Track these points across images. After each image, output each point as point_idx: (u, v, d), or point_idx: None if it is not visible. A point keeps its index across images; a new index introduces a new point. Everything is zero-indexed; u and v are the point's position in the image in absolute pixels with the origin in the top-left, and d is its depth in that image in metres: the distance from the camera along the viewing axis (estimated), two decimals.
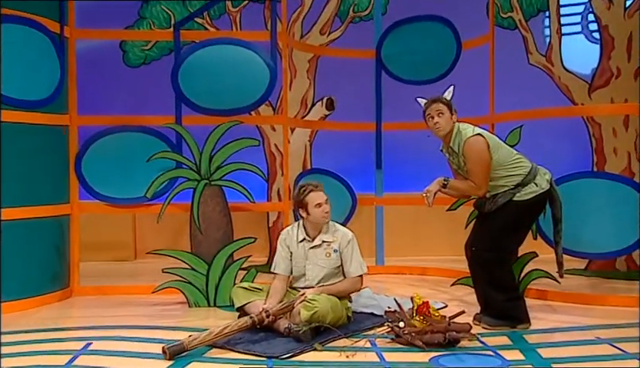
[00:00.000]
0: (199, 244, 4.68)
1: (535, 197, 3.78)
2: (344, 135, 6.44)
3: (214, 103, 4.92)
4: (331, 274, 3.91)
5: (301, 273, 3.94)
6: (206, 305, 4.57)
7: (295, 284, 3.99)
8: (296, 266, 3.94)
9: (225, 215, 4.75)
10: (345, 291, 3.90)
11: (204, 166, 4.71)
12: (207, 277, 4.56)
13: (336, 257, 3.89)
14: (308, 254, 3.91)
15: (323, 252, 3.90)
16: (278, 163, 6.32)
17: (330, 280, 3.90)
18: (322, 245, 3.90)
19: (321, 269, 3.89)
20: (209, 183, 4.71)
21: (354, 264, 3.89)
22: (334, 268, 3.90)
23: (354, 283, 3.91)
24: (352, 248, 3.90)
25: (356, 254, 3.91)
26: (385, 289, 5.11)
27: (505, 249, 3.86)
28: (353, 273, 3.89)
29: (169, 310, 4.50)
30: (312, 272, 3.90)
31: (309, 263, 3.91)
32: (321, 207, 3.84)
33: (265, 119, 6.14)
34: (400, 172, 6.81)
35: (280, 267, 3.96)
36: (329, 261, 3.89)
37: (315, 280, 3.89)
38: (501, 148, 3.84)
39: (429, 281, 5.50)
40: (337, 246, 3.90)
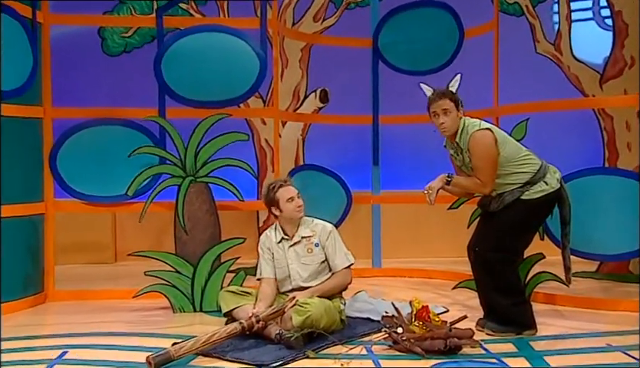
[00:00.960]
0: (184, 246, 4.68)
1: (544, 196, 3.79)
2: (339, 129, 6.45)
3: (200, 95, 4.91)
4: (317, 271, 3.93)
5: (285, 275, 3.96)
6: (191, 310, 4.57)
7: (282, 288, 4.00)
8: (279, 268, 3.97)
9: (212, 214, 4.75)
10: (337, 287, 3.92)
11: (189, 162, 4.71)
12: (193, 280, 4.56)
13: (318, 252, 3.92)
14: (288, 253, 3.94)
15: (304, 248, 3.93)
16: (269, 159, 6.32)
17: (317, 279, 3.92)
18: (302, 241, 3.94)
19: (305, 267, 3.92)
20: (194, 180, 4.71)
21: (339, 256, 3.92)
22: (319, 264, 3.93)
23: (343, 276, 3.93)
24: (334, 239, 3.94)
25: (339, 246, 3.94)
26: (382, 293, 5.12)
27: (510, 250, 3.86)
28: (339, 265, 3.92)
29: (151, 315, 4.50)
30: (296, 272, 3.93)
31: (292, 262, 3.94)
32: (294, 201, 3.88)
33: (255, 111, 6.14)
34: (399, 168, 6.83)
35: (266, 271, 3.98)
36: (312, 257, 3.92)
37: (301, 280, 3.91)
38: (509, 143, 3.84)
39: (429, 285, 5.52)
40: (317, 240, 3.93)
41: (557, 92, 5.66)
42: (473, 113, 5.47)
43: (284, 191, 3.90)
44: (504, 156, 3.79)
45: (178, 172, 4.71)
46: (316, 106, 6.37)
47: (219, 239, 4.72)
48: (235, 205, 5.07)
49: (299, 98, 6.40)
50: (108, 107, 5.32)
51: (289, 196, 3.88)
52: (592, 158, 5.58)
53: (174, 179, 4.72)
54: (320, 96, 6.34)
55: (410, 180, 6.91)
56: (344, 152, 6.68)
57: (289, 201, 3.88)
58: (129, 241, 6.70)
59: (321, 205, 5.34)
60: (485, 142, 3.77)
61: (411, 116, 6.04)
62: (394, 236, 6.49)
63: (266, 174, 6.31)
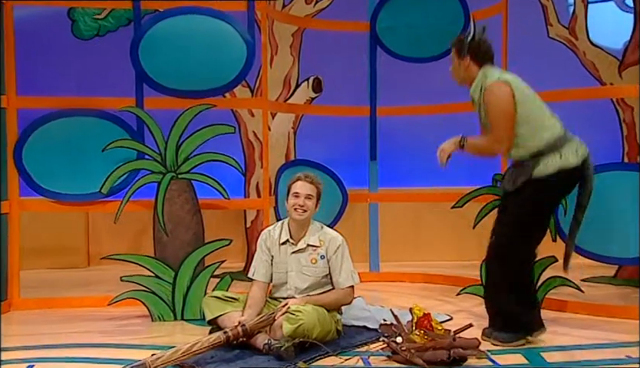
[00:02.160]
0: (164, 248, 4.68)
1: (557, 173, 3.66)
2: (333, 121, 6.45)
3: (181, 84, 4.91)
4: (317, 285, 3.93)
5: (282, 280, 3.96)
6: (172, 319, 4.57)
7: (276, 293, 4.01)
8: (277, 272, 3.97)
9: (195, 213, 4.76)
10: (334, 304, 3.93)
11: (170, 157, 4.71)
12: (174, 286, 4.57)
13: (323, 265, 3.92)
14: (290, 259, 3.94)
15: (308, 258, 3.92)
16: (257, 154, 6.32)
17: (315, 292, 3.92)
18: (307, 250, 3.93)
19: (305, 278, 3.92)
20: (175, 176, 4.71)
21: (344, 274, 3.91)
22: (321, 278, 3.93)
23: (344, 295, 3.94)
24: (342, 254, 3.92)
25: (346, 263, 3.93)
26: (380, 299, 5.14)
27: (523, 241, 3.78)
28: (343, 284, 3.92)
29: (128, 325, 4.50)
30: (295, 281, 3.93)
31: (292, 270, 3.93)
32: (296, 198, 3.86)
33: (242, 102, 6.14)
34: (398, 164, 6.84)
35: (259, 273, 3.98)
36: (315, 269, 3.91)
37: (297, 292, 3.92)
38: (529, 103, 3.71)
39: (431, 290, 5.54)
40: (324, 252, 3.92)
41: (571, 80, 5.66)
42: None
43: (298, 184, 3.90)
44: (521, 115, 3.68)
45: (157, 168, 4.71)
46: (309, 96, 6.37)
47: (202, 241, 4.72)
48: (221, 204, 5.06)
49: (290, 87, 6.40)
50: (80, 97, 5.31)
51: (295, 191, 3.88)
52: (609, 152, 5.59)
53: (153, 176, 4.72)
54: (313, 85, 6.34)
55: (411, 177, 6.97)
56: (339, 147, 6.68)
57: (294, 195, 3.88)
58: (103, 243, 6.69)
59: None
60: (499, 95, 3.68)
61: (412, 107, 6.08)
62: (392, 238, 6.50)
63: (254, 170, 6.31)
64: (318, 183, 3.95)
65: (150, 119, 4.78)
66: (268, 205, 5.28)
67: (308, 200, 3.88)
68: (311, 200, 3.89)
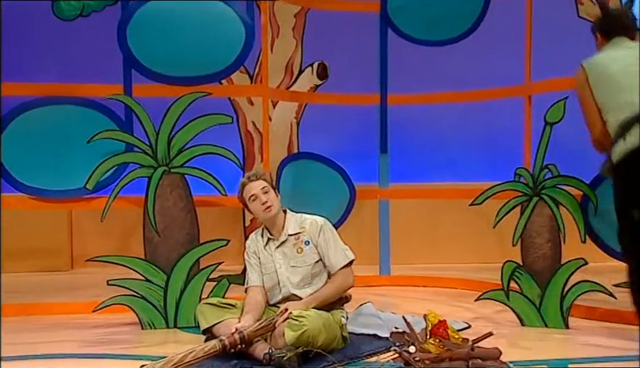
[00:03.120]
0: (155, 249, 4.69)
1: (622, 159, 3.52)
2: (340, 110, 6.46)
3: (174, 69, 4.92)
4: (310, 275, 3.97)
5: (274, 282, 4.00)
6: (163, 326, 4.59)
7: (273, 299, 4.04)
8: (267, 274, 4.02)
9: (189, 211, 4.76)
10: (337, 292, 3.95)
11: (161, 149, 4.71)
12: (166, 290, 4.58)
13: (310, 252, 3.98)
14: (276, 256, 4.00)
15: (293, 249, 3.99)
16: (257, 146, 6.33)
17: (312, 285, 3.96)
18: (290, 240, 4.00)
19: (296, 271, 3.97)
20: (168, 171, 4.71)
21: (336, 254, 3.97)
22: (312, 266, 3.97)
23: (343, 277, 3.97)
24: (327, 234, 3.99)
25: (334, 242, 3.99)
26: (392, 305, 5.15)
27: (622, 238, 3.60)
28: (337, 264, 3.96)
29: (115, 333, 4.51)
30: (286, 277, 3.97)
31: (280, 266, 3.99)
32: (256, 199, 3.97)
33: (240, 89, 6.14)
34: (411, 157, 6.85)
35: (253, 278, 4.03)
36: (303, 258, 3.97)
37: (292, 286, 3.95)
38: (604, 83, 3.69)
39: (447, 295, 5.55)
40: (307, 237, 3.99)
41: None
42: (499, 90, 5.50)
43: (247, 188, 4.00)
44: (598, 100, 3.69)
45: (148, 162, 4.72)
46: (313, 83, 6.37)
47: (197, 241, 4.72)
48: (217, 201, 5.08)
49: (293, 74, 6.40)
50: (61, 83, 5.31)
51: (250, 194, 3.98)
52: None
53: (143, 170, 4.72)
54: (317, 71, 6.34)
55: (425, 171, 6.97)
56: (346, 138, 6.69)
57: (252, 200, 3.98)
58: (88, 244, 6.71)
59: (318, 201, 5.37)
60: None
61: (426, 95, 6.08)
62: (405, 238, 6.51)
63: (254, 163, 6.32)
64: (263, 175, 4.06)
65: (139, 108, 4.77)
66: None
67: (265, 195, 3.97)
68: (268, 193, 3.98)
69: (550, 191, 4.44)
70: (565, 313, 4.41)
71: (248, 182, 4.02)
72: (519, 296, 4.47)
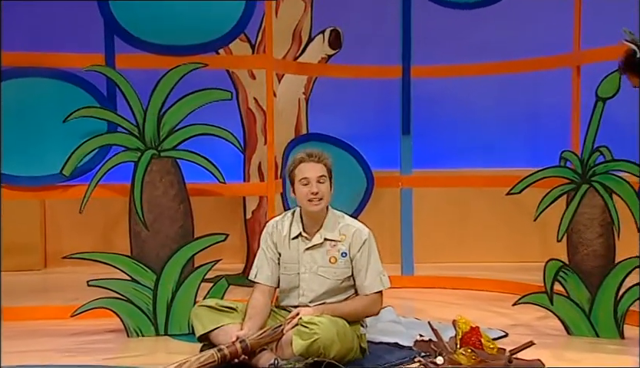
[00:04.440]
0: (142, 245, 4.69)
1: None
2: (356, 85, 6.45)
3: (163, 36, 4.91)
4: (337, 290, 3.94)
5: (292, 285, 3.97)
6: (153, 333, 4.59)
7: (284, 301, 4.02)
8: (286, 274, 3.98)
9: (182, 201, 4.76)
10: (358, 314, 3.93)
11: (150, 129, 4.71)
12: (155, 291, 4.58)
13: (344, 265, 3.92)
14: (303, 257, 3.95)
15: (325, 256, 3.93)
16: (260, 126, 6.32)
17: (334, 299, 3.93)
18: (324, 245, 3.94)
19: (322, 281, 3.92)
20: (157, 154, 4.71)
21: (371, 277, 3.92)
22: (341, 281, 3.94)
23: (370, 303, 3.94)
24: (368, 252, 3.93)
25: (374, 262, 3.94)
26: (416, 309, 5.17)
27: None
28: (369, 289, 3.92)
29: (97, 341, 4.52)
30: (309, 284, 3.93)
31: (305, 271, 3.94)
32: (308, 185, 3.87)
33: (241, 60, 6.12)
34: (438, 139, 6.83)
35: (263, 274, 3.99)
36: (334, 270, 3.92)
37: (313, 297, 3.92)
38: None
39: (480, 299, 5.55)
40: (346, 248, 3.92)
41: None
42: (542, 60, 5.47)
43: (303, 167, 3.90)
44: None
45: (134, 144, 4.71)
46: (324, 53, 6.35)
47: (191, 236, 4.73)
48: (214, 190, 5.08)
49: (301, 42, 6.38)
50: (34, 52, 5.30)
51: (304, 175, 3.88)
52: None
53: (129, 153, 4.72)
54: (330, 39, 6.32)
55: (454, 155, 6.95)
56: (363, 117, 6.68)
57: (302, 183, 3.88)
58: (64, 239, 6.73)
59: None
60: None
61: (456, 67, 6.05)
62: (430, 232, 6.51)
63: (256, 146, 6.31)
64: (326, 159, 3.96)
65: (123, 82, 4.76)
66: (274, 190, 5.27)
67: (321, 184, 3.88)
68: (324, 183, 3.90)
69: (602, 177, 4.42)
70: (619, 320, 4.39)
71: (307, 160, 3.91)
72: (564, 300, 4.45)
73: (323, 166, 3.91)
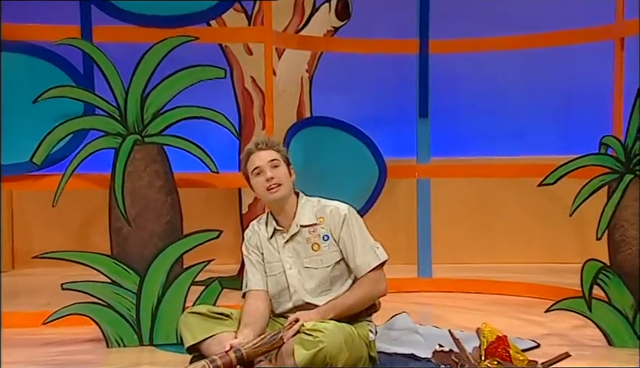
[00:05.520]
0: (125, 243, 4.70)
1: None
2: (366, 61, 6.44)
3: (147, 6, 4.92)
4: (330, 280, 3.95)
5: (282, 286, 3.99)
6: (136, 343, 4.60)
7: (279, 308, 4.02)
8: (272, 274, 4.00)
9: (169, 193, 4.76)
10: (364, 301, 3.94)
11: (132, 112, 4.71)
12: (139, 296, 4.59)
13: (330, 249, 3.95)
14: (284, 252, 3.98)
15: (307, 245, 3.96)
16: (257, 109, 6.32)
17: (331, 291, 3.94)
18: (302, 233, 3.97)
19: (311, 273, 3.95)
20: (141, 140, 4.71)
21: (363, 253, 3.93)
22: (332, 268, 3.95)
23: (372, 283, 3.93)
24: (352, 227, 3.95)
25: (362, 236, 3.96)
26: (434, 316, 5.18)
27: None
28: (364, 267, 3.92)
29: (73, 352, 4.52)
30: (297, 281, 3.95)
31: (290, 266, 3.97)
32: (261, 174, 3.92)
33: (236, 33, 6.12)
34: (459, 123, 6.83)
35: (255, 280, 4.01)
36: (320, 257, 3.94)
37: (305, 294, 3.93)
38: None
39: (507, 305, 5.56)
40: (327, 230, 3.96)
41: None
42: (579, 32, 5.44)
43: (252, 160, 3.96)
44: None
45: (114, 128, 4.71)
46: (331, 25, 6.35)
47: (180, 233, 4.74)
48: (206, 180, 5.10)
49: (304, 13, 6.37)
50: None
51: (255, 167, 3.94)
52: None
53: (108, 139, 4.72)
54: (337, 9, 6.32)
55: (477, 141, 6.95)
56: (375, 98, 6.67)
57: (255, 173, 3.94)
58: (35, 236, 6.74)
59: (337, 181, 5.37)
60: None
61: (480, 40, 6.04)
62: (451, 229, 6.52)
63: (253, 131, 6.32)
64: (276, 145, 4.02)
65: (102, 58, 4.75)
66: None
67: (274, 170, 3.93)
68: (279, 167, 3.94)
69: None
70: None
71: (254, 150, 3.96)
72: (605, 306, 4.44)
73: (274, 151, 3.97)
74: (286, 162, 4.00)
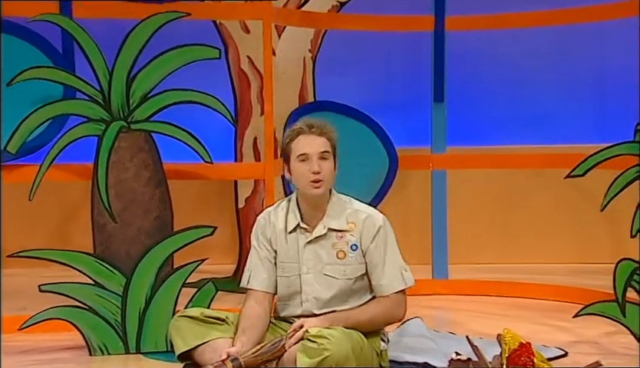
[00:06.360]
0: (109, 240, 4.70)
1: None
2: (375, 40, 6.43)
3: None
4: (349, 293, 3.95)
5: (293, 289, 3.99)
6: (121, 351, 4.60)
7: (284, 311, 4.04)
8: (284, 275, 4.00)
9: (158, 185, 4.76)
10: (377, 322, 3.95)
11: (117, 96, 4.71)
12: (124, 299, 4.59)
13: (355, 261, 3.94)
14: (304, 254, 3.97)
15: (332, 251, 3.95)
16: (255, 93, 6.33)
17: (346, 304, 3.95)
18: (329, 237, 3.95)
19: (330, 283, 3.94)
20: (126, 127, 4.72)
21: (390, 272, 3.93)
22: (354, 280, 3.95)
23: (391, 306, 3.95)
24: (385, 242, 3.95)
25: (392, 255, 3.96)
26: (450, 321, 5.20)
27: None
28: (388, 288, 3.93)
29: (53, 361, 4.53)
30: (314, 287, 3.95)
31: (308, 271, 3.96)
32: (307, 162, 3.87)
33: (231, 9, 6.12)
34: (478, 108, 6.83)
35: (258, 279, 4.01)
36: (343, 268, 3.93)
37: (317, 305, 3.94)
38: None
39: (531, 309, 5.57)
40: (356, 239, 3.94)
41: None
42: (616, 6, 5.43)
43: (299, 142, 3.89)
44: None
45: (97, 114, 4.71)
46: (336, 0, 6.35)
47: (170, 229, 4.74)
48: (199, 172, 5.11)
49: None
50: None
51: (301, 153, 3.88)
52: None
53: (91, 126, 4.72)
54: None
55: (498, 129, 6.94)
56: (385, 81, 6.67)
57: (300, 159, 3.88)
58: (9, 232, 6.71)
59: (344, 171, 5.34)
60: None
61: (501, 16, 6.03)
62: (469, 225, 6.52)
63: (250, 116, 6.32)
64: (330, 132, 3.96)
65: (83, 35, 4.75)
66: (273, 173, 5.28)
67: (323, 162, 3.88)
68: (327, 161, 3.90)
69: None
70: None
71: (306, 131, 3.91)
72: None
73: (326, 140, 3.91)
74: (334, 154, 3.94)
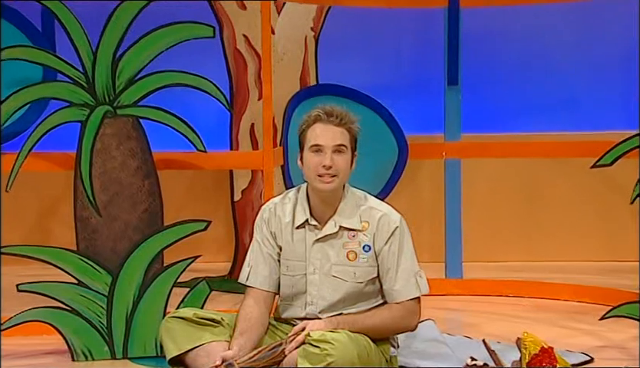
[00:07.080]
0: (93, 236, 4.70)
1: None
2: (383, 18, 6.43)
3: None
4: (358, 296, 3.96)
5: (298, 290, 4.00)
6: (107, 356, 4.62)
7: (287, 312, 4.05)
8: (289, 274, 4.00)
9: (147, 176, 4.76)
10: (386, 329, 3.95)
11: (102, 78, 4.71)
12: (110, 299, 4.60)
13: (367, 263, 3.94)
14: (311, 253, 3.97)
15: (342, 251, 3.95)
16: (252, 74, 6.33)
17: (354, 308, 3.96)
18: (340, 236, 3.95)
19: (338, 285, 3.94)
20: (112, 112, 4.72)
21: (404, 278, 3.93)
22: (364, 283, 3.95)
23: (404, 314, 3.95)
24: (400, 245, 3.94)
25: (407, 258, 3.95)
26: (465, 324, 5.23)
27: None
28: (402, 295, 3.93)
29: (33, 366, 4.56)
30: (320, 289, 3.95)
31: (314, 271, 3.96)
32: (319, 154, 3.86)
33: None
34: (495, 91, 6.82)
35: (258, 276, 4.01)
36: (354, 270, 3.94)
37: (325, 307, 3.94)
38: None
39: (553, 311, 5.57)
40: (369, 239, 3.94)
41: None
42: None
43: (315, 130, 3.87)
44: None
45: (81, 97, 4.72)
46: None
47: (160, 224, 4.75)
48: (191, 161, 5.13)
49: None
50: None
51: (315, 143, 3.86)
52: None
53: (73, 111, 4.72)
54: None
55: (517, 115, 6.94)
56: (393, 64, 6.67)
57: (313, 150, 3.86)
58: None
59: None
60: None
61: None
62: (485, 219, 6.52)
63: (247, 101, 6.32)
64: (351, 122, 3.94)
65: (65, 12, 4.75)
66: (272, 163, 5.28)
67: (338, 156, 3.86)
68: (343, 155, 3.88)
69: None
70: None
71: (324, 119, 3.88)
72: None
73: (345, 132, 3.89)
74: (352, 147, 3.92)
